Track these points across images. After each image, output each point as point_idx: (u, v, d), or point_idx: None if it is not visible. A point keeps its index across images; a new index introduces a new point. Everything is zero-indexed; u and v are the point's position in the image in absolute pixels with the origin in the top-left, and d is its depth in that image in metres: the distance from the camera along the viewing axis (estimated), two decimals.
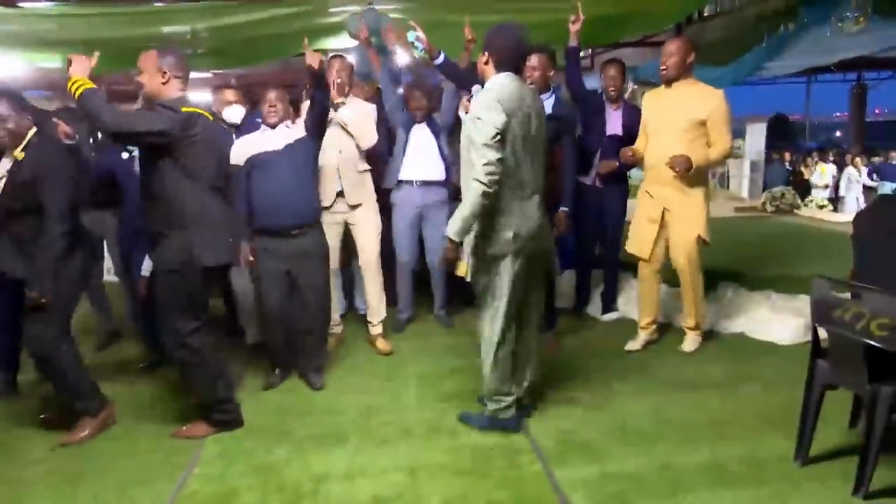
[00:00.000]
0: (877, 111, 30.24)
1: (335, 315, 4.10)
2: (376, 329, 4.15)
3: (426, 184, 4.20)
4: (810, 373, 2.64)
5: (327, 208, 3.84)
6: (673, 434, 2.94)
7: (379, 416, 3.19)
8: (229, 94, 4.20)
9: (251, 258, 3.42)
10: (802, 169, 12.49)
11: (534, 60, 3.76)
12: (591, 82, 4.83)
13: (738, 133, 13.78)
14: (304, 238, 3.41)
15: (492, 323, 2.88)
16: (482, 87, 2.82)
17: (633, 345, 4.06)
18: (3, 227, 2.90)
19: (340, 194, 3.91)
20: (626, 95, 4.62)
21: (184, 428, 3.05)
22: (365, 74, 4.78)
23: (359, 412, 3.24)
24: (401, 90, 4.43)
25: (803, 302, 4.31)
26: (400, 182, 4.23)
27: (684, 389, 3.42)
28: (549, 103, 3.81)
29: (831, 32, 4.60)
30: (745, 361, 3.80)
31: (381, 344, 4.09)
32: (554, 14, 4.68)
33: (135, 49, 4.95)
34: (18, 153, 2.83)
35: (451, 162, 4.21)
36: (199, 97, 3.48)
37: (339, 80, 3.80)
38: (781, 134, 18.41)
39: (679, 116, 3.67)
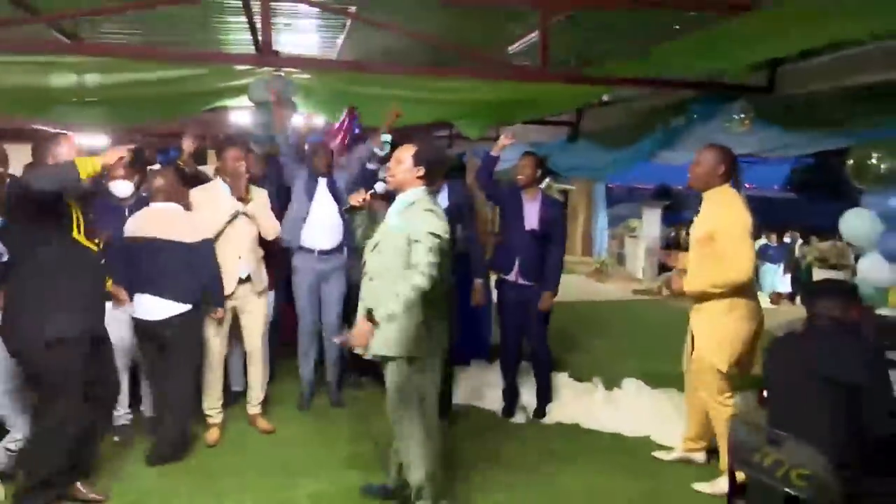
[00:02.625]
0: (747, 185, 33.07)
1: (216, 402, 3.95)
2: (255, 409, 4.16)
3: (325, 252, 4.27)
4: None
5: (228, 296, 3.84)
6: None
7: None
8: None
9: None
10: None
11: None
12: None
13: (636, 214, 14.17)
14: None
15: (415, 422, 2.89)
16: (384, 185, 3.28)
17: (664, 454, 3.81)
18: None
19: (243, 280, 3.91)
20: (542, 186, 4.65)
21: None
22: (267, 137, 4.66)
23: None
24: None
25: None
26: (301, 248, 4.26)
27: None
28: (443, 195, 4.10)
29: (718, 130, 4.86)
30: (653, 473, 3.63)
31: (263, 424, 4.13)
32: (454, 94, 4.78)
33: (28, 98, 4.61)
34: None
35: (348, 225, 4.37)
36: None
37: (248, 174, 3.89)
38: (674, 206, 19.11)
39: (694, 231, 3.46)
